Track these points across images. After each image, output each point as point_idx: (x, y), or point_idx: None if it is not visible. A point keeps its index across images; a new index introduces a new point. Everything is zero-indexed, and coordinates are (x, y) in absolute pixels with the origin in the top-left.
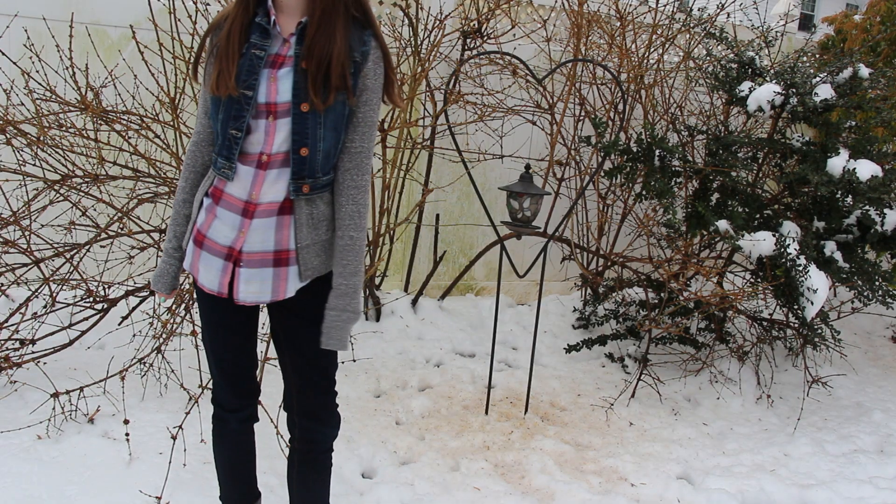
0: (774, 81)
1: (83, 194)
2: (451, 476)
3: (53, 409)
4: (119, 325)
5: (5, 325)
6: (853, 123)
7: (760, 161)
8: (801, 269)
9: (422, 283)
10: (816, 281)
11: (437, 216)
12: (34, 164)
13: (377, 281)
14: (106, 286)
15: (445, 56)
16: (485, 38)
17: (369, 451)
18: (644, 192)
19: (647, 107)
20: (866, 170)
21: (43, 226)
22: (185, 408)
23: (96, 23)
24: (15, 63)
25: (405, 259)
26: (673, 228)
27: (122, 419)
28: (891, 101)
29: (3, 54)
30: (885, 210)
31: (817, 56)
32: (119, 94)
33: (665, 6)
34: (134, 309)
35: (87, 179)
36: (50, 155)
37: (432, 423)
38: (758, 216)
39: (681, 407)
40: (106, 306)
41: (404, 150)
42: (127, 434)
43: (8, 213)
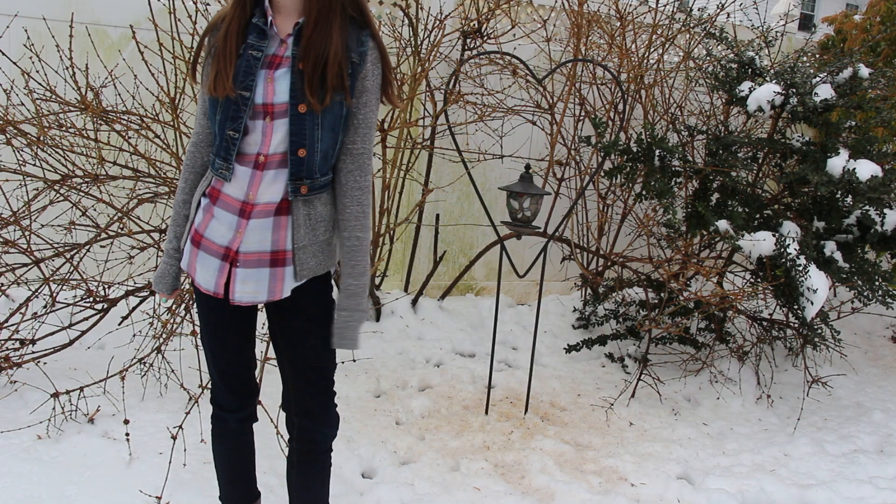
0: (774, 81)
1: (83, 194)
2: (451, 476)
3: (53, 409)
4: (119, 325)
5: (5, 325)
6: (853, 123)
7: (760, 161)
8: (801, 269)
9: (422, 283)
10: (816, 281)
11: (437, 216)
12: (34, 164)
13: (377, 281)
14: (106, 286)
15: (445, 56)
16: (485, 38)
17: (369, 451)
18: (644, 192)
19: (647, 107)
20: (866, 170)
21: (43, 226)
22: (185, 408)
23: (96, 23)
24: (15, 63)
25: (405, 259)
26: (673, 228)
27: (122, 419)
28: (891, 101)
29: (3, 54)
30: (885, 210)
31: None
32: (119, 94)
33: (665, 6)
34: (134, 309)
35: (87, 179)
36: (50, 155)
37: (432, 423)
38: (758, 216)
39: (681, 407)
40: (106, 306)
41: (404, 150)
42: (127, 434)
43: (8, 213)
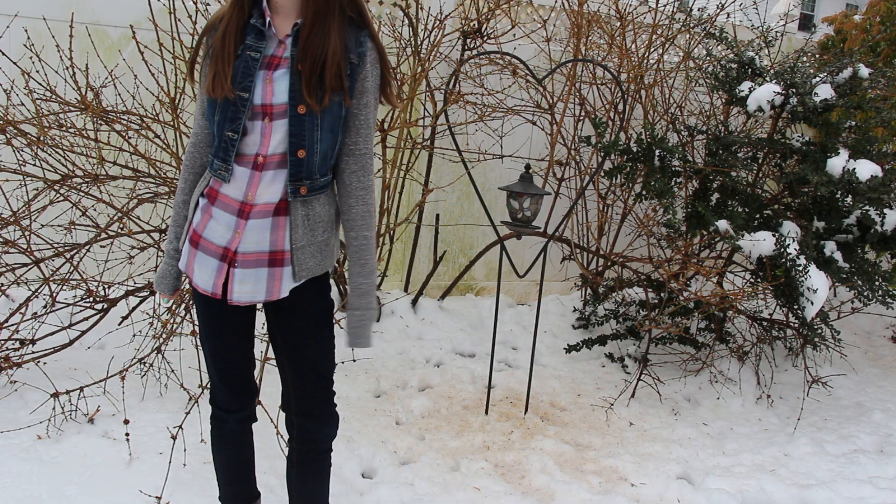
0: (774, 81)
1: (83, 194)
2: (451, 476)
3: (53, 409)
4: (119, 325)
5: (5, 325)
6: (853, 123)
7: (760, 161)
8: (801, 269)
9: (422, 283)
10: (816, 281)
11: (437, 216)
12: (34, 164)
13: (377, 281)
14: (106, 286)
15: (445, 56)
16: (485, 38)
17: (369, 451)
18: (644, 192)
19: (647, 107)
20: (866, 170)
21: (43, 226)
22: (185, 408)
23: (96, 23)
24: (15, 63)
25: (405, 259)
26: (673, 228)
27: (122, 419)
28: (891, 101)
29: (3, 54)
30: (885, 210)
31: (817, 56)
32: (119, 94)
33: (665, 6)
34: (134, 309)
35: (87, 179)
36: (50, 155)
37: (432, 423)
38: (758, 216)
39: (681, 407)
40: (106, 306)
41: (404, 150)
42: (127, 434)
43: (8, 213)
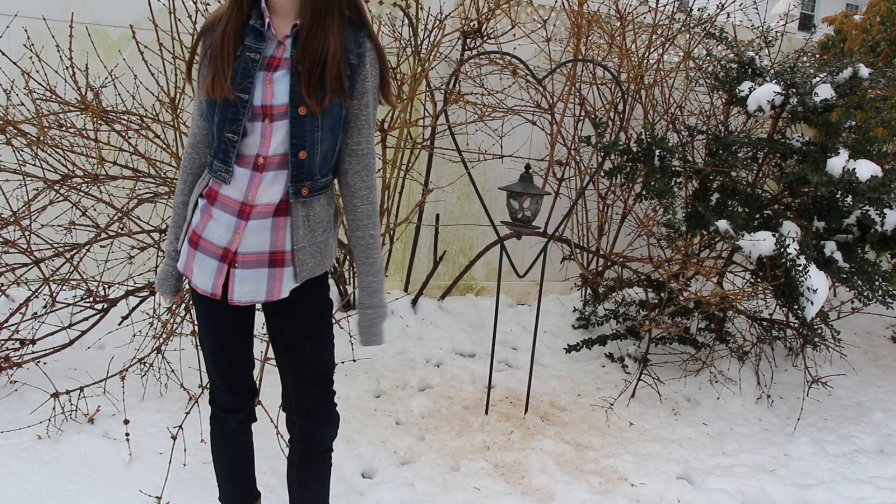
0: (774, 81)
1: (83, 194)
2: (451, 476)
3: (53, 409)
4: (119, 325)
5: (5, 325)
6: (853, 123)
7: (760, 161)
8: (801, 269)
9: (422, 283)
10: (816, 281)
11: (437, 216)
12: (34, 164)
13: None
14: (106, 286)
15: (445, 56)
16: (485, 38)
17: (369, 451)
18: (644, 192)
19: (647, 107)
20: (866, 170)
21: (43, 226)
22: (185, 408)
23: (96, 23)
24: (15, 63)
25: (405, 259)
26: (673, 228)
27: (122, 419)
28: (891, 101)
29: (3, 54)
30: (885, 210)
31: (817, 56)
32: (119, 94)
33: (665, 6)
34: (134, 309)
35: (87, 179)
36: (50, 155)
37: (432, 423)
38: (758, 216)
39: (681, 407)
40: (106, 306)
41: (404, 150)
42: (127, 434)
43: (8, 213)
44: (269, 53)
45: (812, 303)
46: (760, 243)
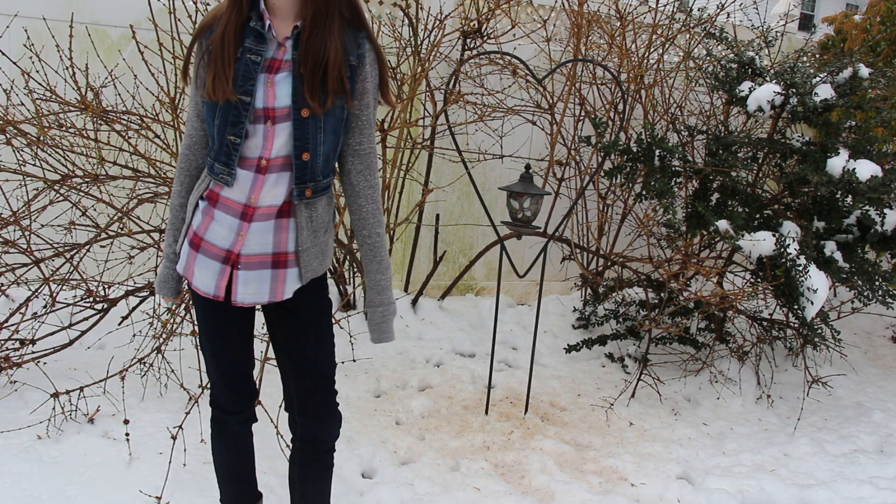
0: (774, 81)
1: (83, 194)
2: (451, 476)
3: (53, 409)
4: (119, 325)
5: (5, 325)
6: (853, 123)
7: (760, 161)
8: (801, 269)
9: (422, 283)
10: (816, 281)
11: (437, 216)
12: (34, 164)
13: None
14: (106, 286)
15: (445, 56)
16: (485, 38)
17: (369, 451)
18: (644, 192)
19: (647, 107)
20: (866, 170)
21: (43, 226)
22: (185, 408)
23: (96, 23)
24: (15, 63)
25: (405, 259)
26: (673, 228)
27: (122, 419)
28: (891, 101)
29: (3, 54)
30: (885, 210)
31: (817, 56)
32: (119, 94)
33: (665, 6)
34: (134, 309)
35: (87, 179)
36: (50, 155)
37: (432, 423)
38: (758, 216)
39: (681, 407)
40: (106, 306)
41: (404, 150)
42: (127, 434)
43: (8, 213)
44: (269, 55)
45: (812, 303)
46: (760, 243)
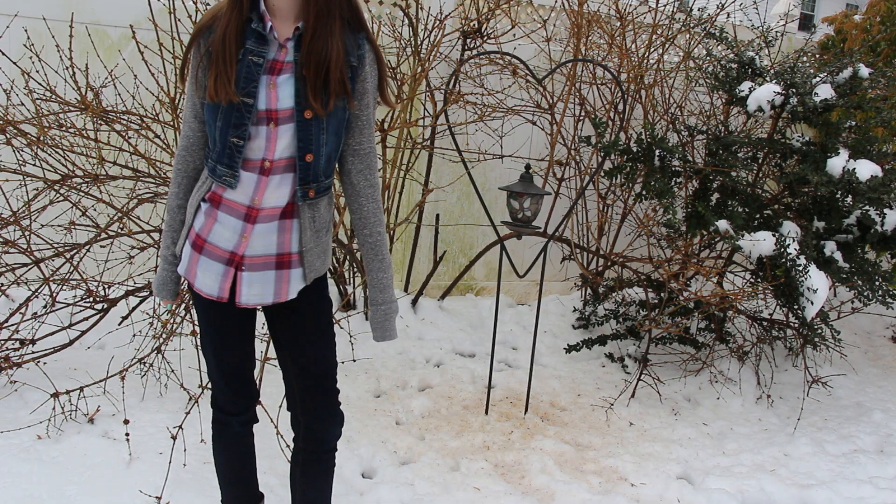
0: (774, 81)
1: (83, 194)
2: (451, 476)
3: (53, 409)
4: (119, 325)
5: (5, 325)
6: (853, 123)
7: (760, 161)
8: (801, 269)
9: (422, 283)
10: (816, 281)
11: (437, 216)
12: (34, 164)
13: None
14: (106, 286)
15: (445, 56)
16: (485, 38)
17: (369, 451)
18: (644, 192)
19: (647, 107)
20: (866, 170)
21: (43, 226)
22: (185, 408)
23: (96, 23)
24: (15, 63)
25: (405, 259)
26: (673, 228)
27: (122, 419)
28: (891, 101)
29: (3, 54)
30: (885, 210)
31: (817, 56)
32: (119, 94)
33: (665, 6)
34: (134, 309)
35: (87, 179)
36: (50, 155)
37: (432, 423)
38: (758, 216)
39: (681, 407)
40: (106, 306)
41: (404, 150)
42: (127, 434)
43: (8, 213)
44: (271, 57)
45: (812, 303)
46: (760, 243)
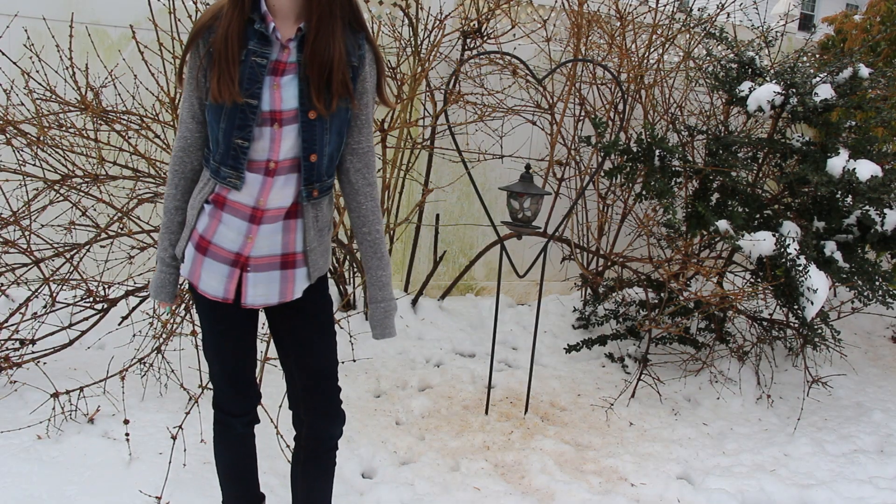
0: (774, 81)
1: (83, 194)
2: (451, 476)
3: (53, 409)
4: (119, 325)
5: (5, 325)
6: (853, 123)
7: (760, 161)
8: (801, 269)
9: (422, 283)
10: (816, 281)
11: (437, 216)
12: (34, 164)
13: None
14: (106, 286)
15: (445, 56)
16: (485, 38)
17: (369, 451)
18: (644, 192)
19: (647, 107)
20: (866, 170)
21: (43, 226)
22: (185, 408)
23: (96, 23)
24: (15, 63)
25: (405, 259)
26: (673, 228)
27: (122, 419)
28: (891, 101)
29: (3, 54)
30: (885, 210)
31: (817, 56)
32: (119, 94)
33: (665, 6)
34: (134, 309)
35: (87, 179)
36: (50, 155)
37: (432, 423)
38: (758, 216)
39: (681, 407)
40: (106, 306)
41: (404, 150)
42: (127, 434)
43: (8, 213)
44: (274, 57)
45: (812, 303)
46: (760, 243)
